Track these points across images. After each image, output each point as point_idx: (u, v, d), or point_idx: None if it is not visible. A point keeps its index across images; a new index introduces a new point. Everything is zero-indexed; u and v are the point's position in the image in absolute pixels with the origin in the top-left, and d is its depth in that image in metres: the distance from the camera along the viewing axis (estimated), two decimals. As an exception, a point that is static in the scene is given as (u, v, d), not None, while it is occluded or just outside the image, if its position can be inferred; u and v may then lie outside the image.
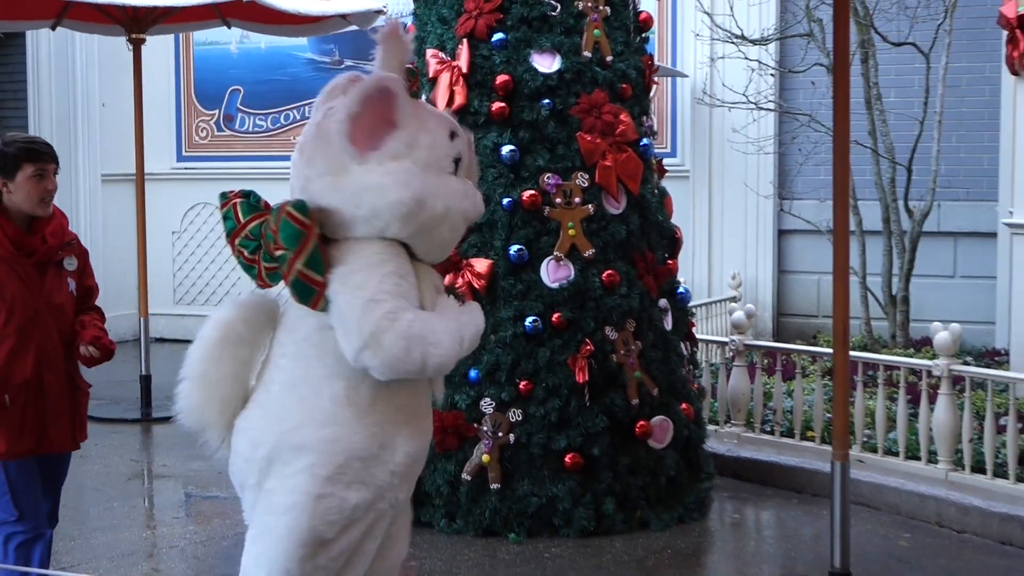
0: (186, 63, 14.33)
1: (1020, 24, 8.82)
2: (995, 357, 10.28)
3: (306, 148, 4.14)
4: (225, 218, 4.23)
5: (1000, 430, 7.47)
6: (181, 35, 13.73)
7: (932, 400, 7.59)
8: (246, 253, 4.17)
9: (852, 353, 7.30)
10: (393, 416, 4.12)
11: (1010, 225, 9.34)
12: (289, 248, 3.97)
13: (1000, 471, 7.32)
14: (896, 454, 7.81)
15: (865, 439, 8.02)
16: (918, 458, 7.68)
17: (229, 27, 8.61)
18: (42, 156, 5.00)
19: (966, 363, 8.74)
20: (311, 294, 3.99)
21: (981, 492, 7.27)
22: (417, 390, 4.25)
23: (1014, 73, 9.07)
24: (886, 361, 8.11)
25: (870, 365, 8.24)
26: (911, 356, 9.42)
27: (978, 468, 7.43)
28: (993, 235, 11.10)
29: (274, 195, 4.14)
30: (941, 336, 7.60)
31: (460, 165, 4.21)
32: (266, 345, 4.25)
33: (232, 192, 4.22)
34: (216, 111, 14.40)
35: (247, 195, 4.18)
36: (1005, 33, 8.99)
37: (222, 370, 4.15)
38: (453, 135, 4.20)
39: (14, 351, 4.92)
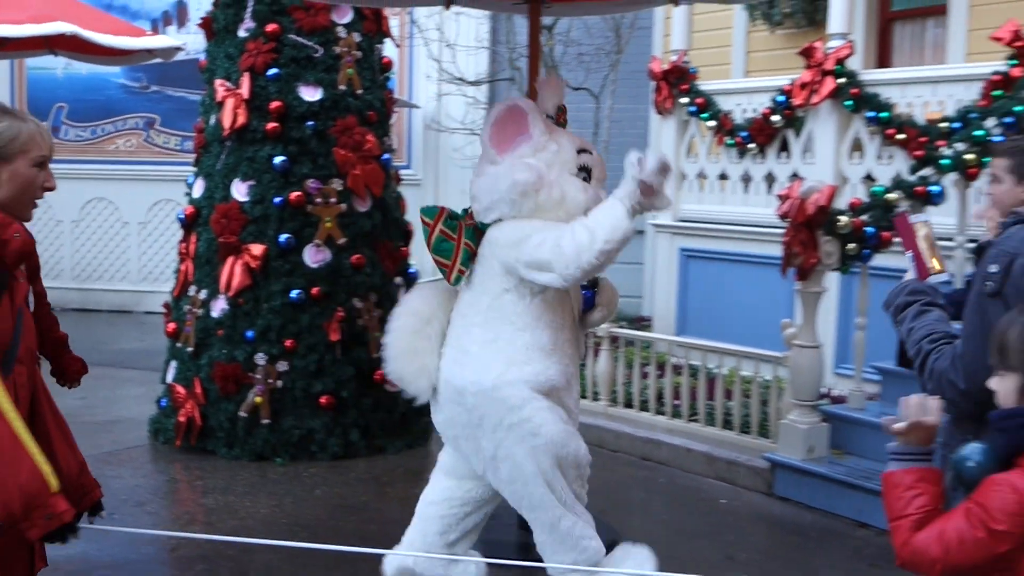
0: (19, 83, 13.59)
1: (664, 77, 9.16)
2: (642, 322, 10.67)
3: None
4: (428, 211, 4.25)
5: (644, 376, 7.79)
6: (16, 60, 13.00)
7: (596, 354, 7.86)
8: (449, 232, 4.19)
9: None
10: (568, 359, 4.13)
11: (654, 225, 9.72)
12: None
13: (643, 406, 7.63)
14: (570, 394, 8.03)
15: (548, 383, 8.21)
16: (586, 397, 7.93)
17: (56, 55, 8.27)
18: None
19: (621, 327, 9.07)
20: (443, 273, 4.15)
21: (629, 421, 7.55)
22: (576, 339, 4.28)
23: (659, 113, 9.40)
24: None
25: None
26: (582, 321, 9.69)
27: (628, 404, 7.72)
28: (641, 231, 11.51)
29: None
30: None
31: (592, 175, 4.20)
32: (446, 320, 4.22)
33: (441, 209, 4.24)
34: (45, 123, 13.67)
35: (448, 219, 4.20)
36: (653, 83, 9.31)
37: (421, 344, 4.15)
38: (581, 152, 4.21)
39: None
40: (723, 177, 8.99)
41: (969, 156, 6.37)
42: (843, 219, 5.96)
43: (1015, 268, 2.61)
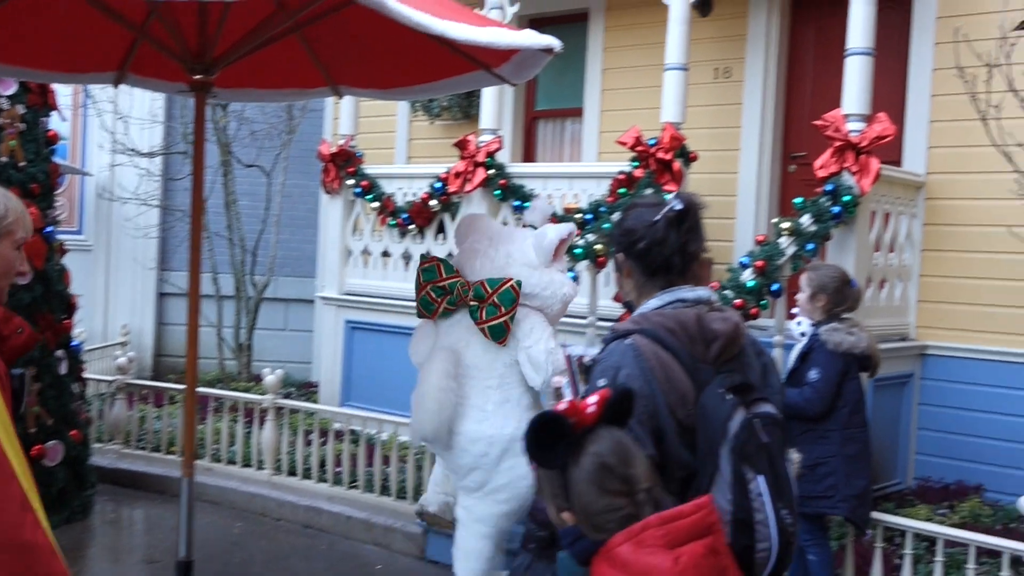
0: None
1: (332, 159, 9.09)
2: (311, 388, 10.49)
3: (510, 247, 5.04)
4: (427, 270, 5.06)
5: (308, 443, 7.60)
6: None
7: (262, 423, 7.60)
8: (434, 295, 5.02)
9: (205, 389, 7.13)
10: None
11: (321, 297, 9.58)
12: (503, 305, 4.87)
13: (307, 474, 7.43)
14: (235, 463, 7.73)
15: (214, 451, 7.87)
16: (251, 466, 7.64)
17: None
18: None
19: (289, 395, 8.84)
20: (504, 334, 4.87)
21: (293, 490, 7.32)
22: None
23: (327, 192, 9.31)
24: (230, 396, 7.98)
25: (219, 397, 8.11)
26: (252, 389, 9.39)
27: (292, 471, 7.50)
28: (311, 301, 11.37)
29: None
30: (269, 378, 7.62)
31: None
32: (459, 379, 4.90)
33: (431, 256, 5.14)
34: None
35: (444, 261, 5.07)
36: (322, 164, 9.21)
37: (447, 402, 4.83)
38: None
39: None
40: (386, 255, 9.00)
41: (598, 246, 6.70)
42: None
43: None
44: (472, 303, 4.93)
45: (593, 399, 2.19)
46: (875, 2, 6.40)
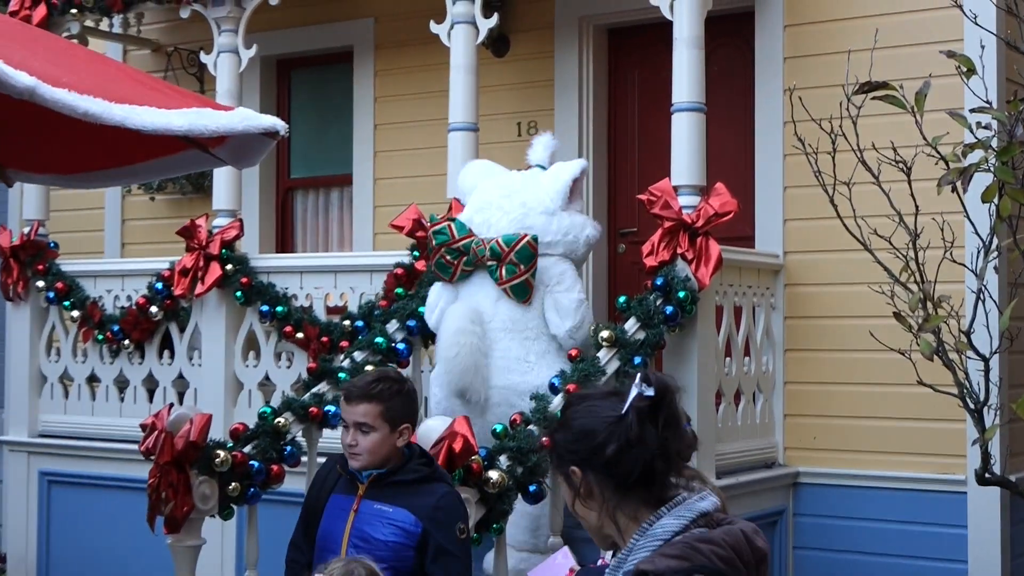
0: None
1: (13, 253, 8.84)
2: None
3: (524, 196, 6.51)
4: (438, 232, 6.53)
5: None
6: None
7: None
8: (449, 258, 6.49)
9: None
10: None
11: (6, 441, 9.20)
12: (522, 263, 6.30)
13: None
14: None
15: None
16: None
17: None
18: None
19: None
20: (527, 293, 6.35)
21: None
22: None
23: (9, 300, 9.03)
24: None
25: None
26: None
27: None
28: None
29: None
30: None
31: None
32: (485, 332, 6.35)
33: (442, 216, 6.74)
34: None
35: (455, 220, 6.54)
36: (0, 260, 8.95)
37: (481, 360, 6.28)
38: None
39: None
40: (93, 380, 8.80)
41: (369, 368, 6.69)
42: (222, 455, 5.98)
43: None
44: (490, 263, 6.36)
45: None
46: (699, 44, 6.67)
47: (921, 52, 6.93)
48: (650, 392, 2.44)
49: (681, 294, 6.44)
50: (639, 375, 2.46)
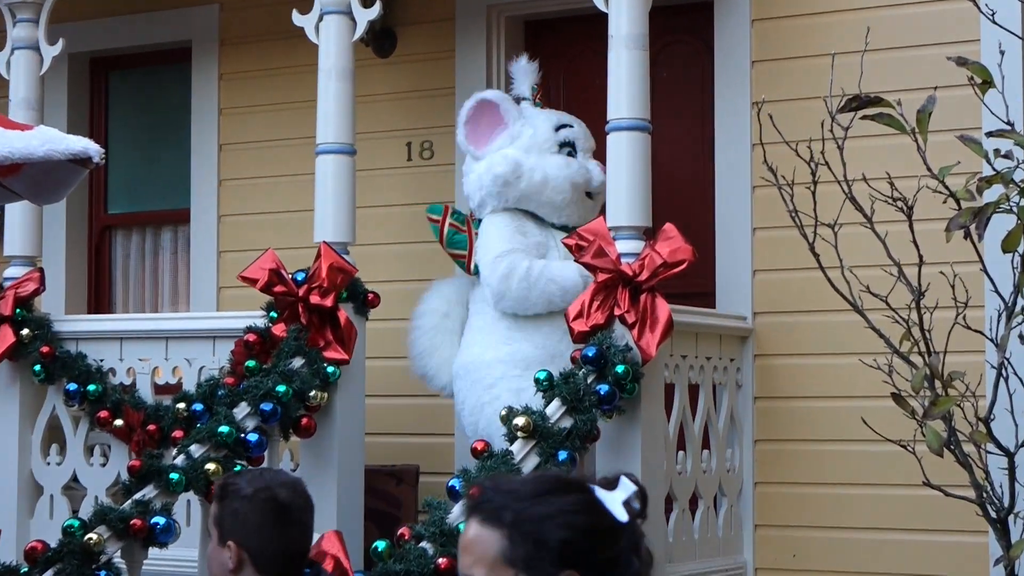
0: None
1: None
2: None
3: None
4: (436, 227, 7.65)
5: None
6: None
7: None
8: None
9: None
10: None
11: None
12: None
13: None
14: None
15: None
16: None
17: None
18: None
19: None
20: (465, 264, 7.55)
21: None
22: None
23: None
24: None
25: None
26: None
27: None
28: None
29: None
30: None
31: (576, 148, 7.38)
32: (464, 312, 7.45)
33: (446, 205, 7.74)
34: None
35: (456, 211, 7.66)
36: None
37: (440, 339, 7.38)
38: (560, 128, 7.40)
39: None
40: None
41: (211, 466, 6.64)
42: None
43: None
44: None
45: None
46: (641, 44, 6.74)
47: (925, 57, 7.04)
48: (634, 487, 2.65)
49: (620, 369, 6.45)
50: (622, 476, 2.64)
